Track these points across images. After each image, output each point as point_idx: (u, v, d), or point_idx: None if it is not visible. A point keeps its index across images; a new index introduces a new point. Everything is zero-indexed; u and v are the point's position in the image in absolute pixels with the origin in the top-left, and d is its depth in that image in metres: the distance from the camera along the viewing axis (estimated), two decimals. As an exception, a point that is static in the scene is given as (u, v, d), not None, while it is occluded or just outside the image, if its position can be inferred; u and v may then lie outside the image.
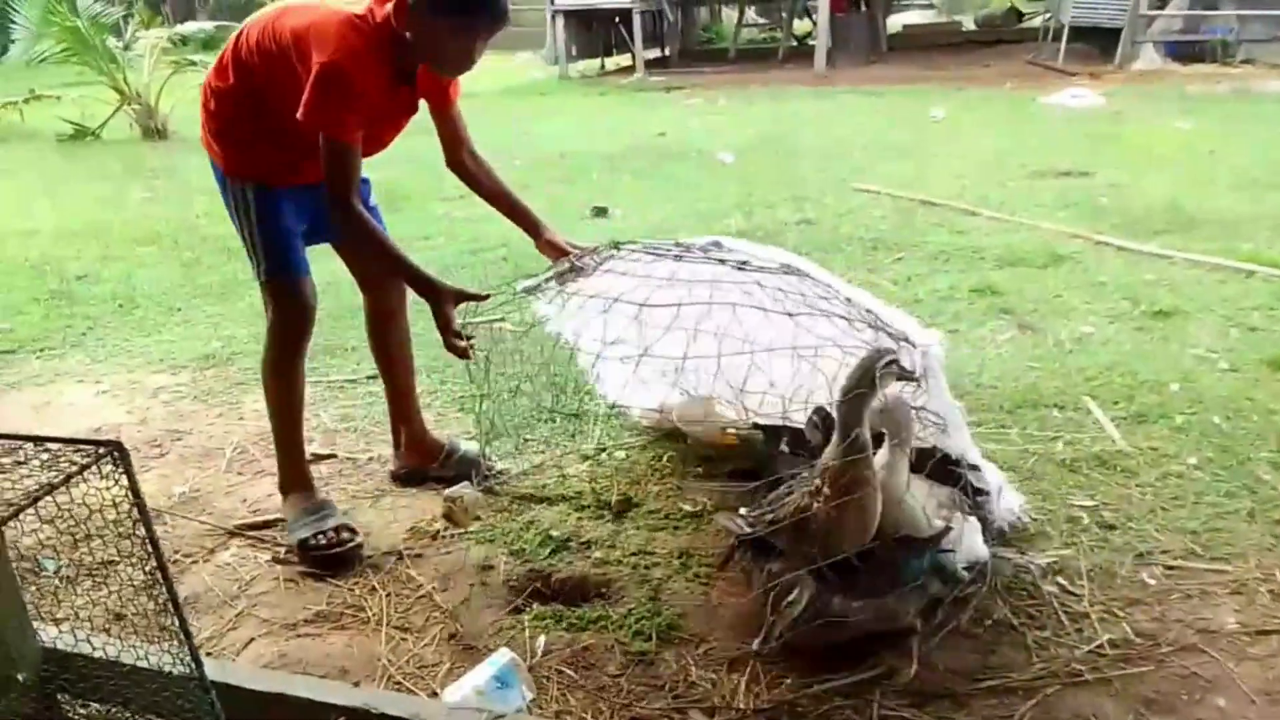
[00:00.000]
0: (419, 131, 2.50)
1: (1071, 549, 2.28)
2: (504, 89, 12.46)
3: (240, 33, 2.28)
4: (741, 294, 2.23)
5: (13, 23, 10.61)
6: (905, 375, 1.96)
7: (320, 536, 2.40)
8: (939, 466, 2.15)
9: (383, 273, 2.48)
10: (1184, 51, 11.05)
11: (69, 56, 9.70)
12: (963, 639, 2.01)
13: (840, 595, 1.94)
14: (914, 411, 2.10)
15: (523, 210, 2.56)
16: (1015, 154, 6.78)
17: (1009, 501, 2.33)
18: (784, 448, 2.53)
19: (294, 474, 2.54)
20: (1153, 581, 2.15)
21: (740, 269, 2.19)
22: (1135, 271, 4.15)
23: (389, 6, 2.12)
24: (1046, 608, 2.09)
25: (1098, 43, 11.53)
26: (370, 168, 2.34)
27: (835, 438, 1.99)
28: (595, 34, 14.33)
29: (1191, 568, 2.19)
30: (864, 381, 1.92)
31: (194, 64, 10.33)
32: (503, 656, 1.92)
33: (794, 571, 1.98)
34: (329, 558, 2.38)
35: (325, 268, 4.94)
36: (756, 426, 2.66)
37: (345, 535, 2.41)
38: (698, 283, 2.29)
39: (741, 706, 1.86)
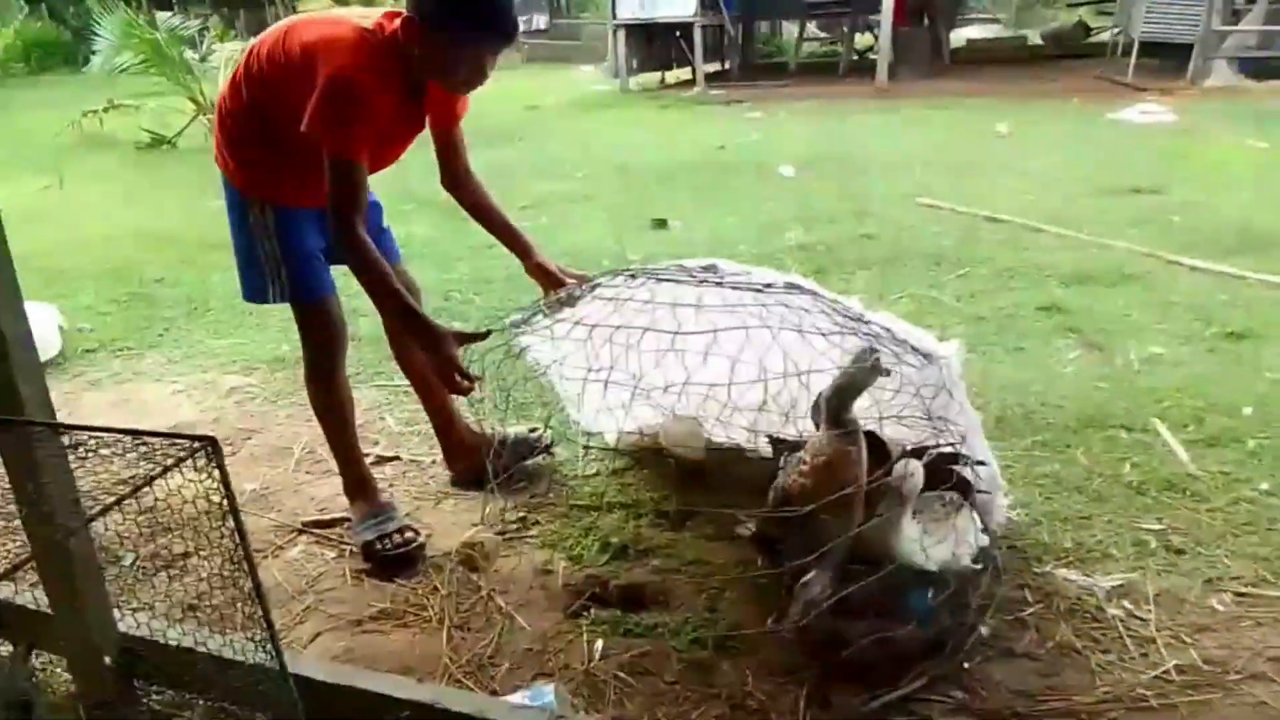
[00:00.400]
0: (476, 145, 2.55)
1: (1138, 572, 2.24)
2: (566, 102, 12.61)
3: (251, 49, 2.23)
4: (726, 310, 2.30)
5: (95, 35, 11.01)
6: (883, 370, 2.07)
7: (385, 540, 2.45)
8: (939, 462, 2.14)
9: (378, 307, 2.38)
10: (1258, 68, 10.77)
11: (147, 68, 10.01)
12: (1025, 660, 1.99)
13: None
14: (939, 421, 2.11)
15: (513, 233, 2.54)
16: (1083, 170, 6.67)
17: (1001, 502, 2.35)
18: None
19: (354, 480, 2.60)
20: (1222, 608, 2.11)
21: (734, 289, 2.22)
22: (1208, 292, 4.06)
23: (398, 21, 2.10)
24: (1111, 631, 2.06)
25: (1169, 58, 11.29)
26: (431, 172, 2.38)
27: (823, 423, 2.08)
28: (656, 48, 14.41)
29: (1262, 595, 2.14)
30: (853, 374, 2.05)
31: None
32: (548, 694, 1.89)
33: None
34: (392, 559, 2.43)
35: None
36: (770, 440, 2.64)
37: (408, 536, 2.46)
38: (686, 306, 2.33)
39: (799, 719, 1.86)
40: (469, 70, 2.12)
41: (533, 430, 2.87)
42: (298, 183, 2.25)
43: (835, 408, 2.07)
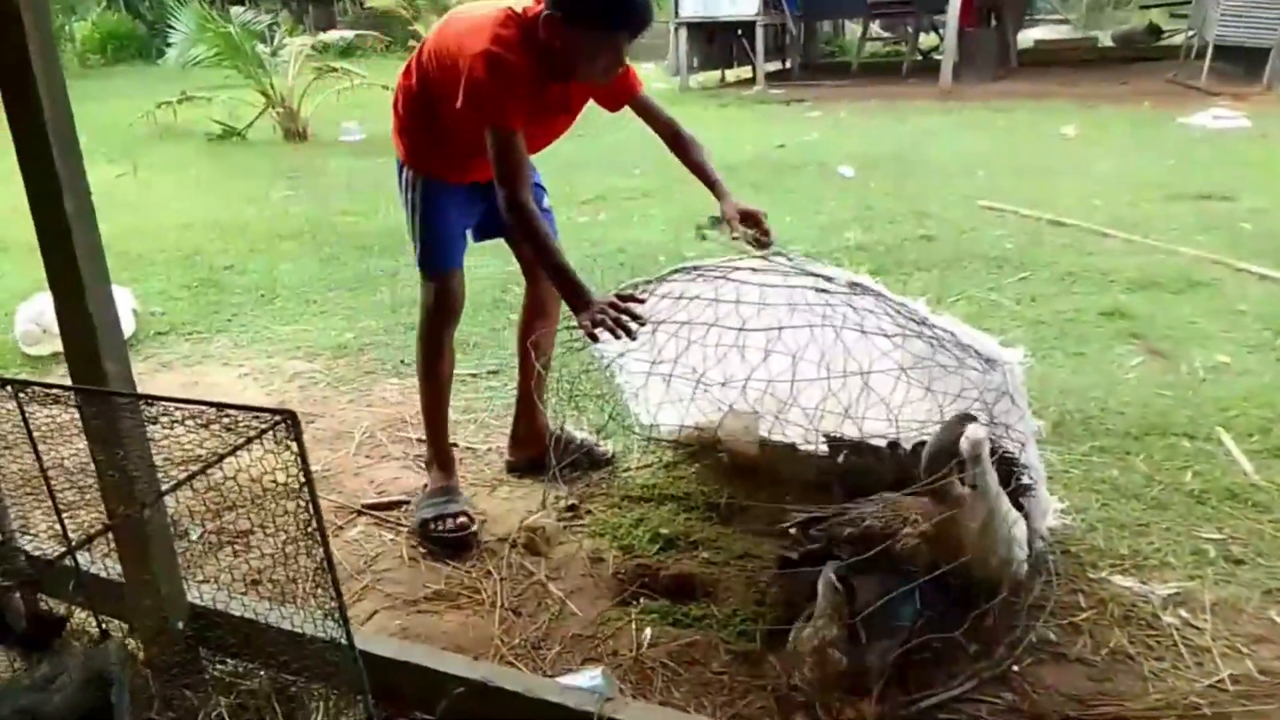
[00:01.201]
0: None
1: (1196, 581, 2.21)
2: (625, 99, 12.64)
3: (425, 38, 2.43)
4: (789, 308, 2.31)
5: (170, 28, 11.34)
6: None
7: (440, 522, 2.52)
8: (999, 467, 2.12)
9: (542, 272, 2.47)
10: (1339, 73, 10.40)
11: (220, 60, 10.28)
12: (1077, 664, 1.98)
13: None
14: (1003, 428, 2.09)
15: (713, 180, 2.62)
16: (1151, 175, 6.53)
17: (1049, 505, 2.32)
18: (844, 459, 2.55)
19: (433, 451, 2.71)
20: (1281, 620, 2.07)
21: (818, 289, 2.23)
22: (1278, 301, 3.95)
23: (538, 10, 2.20)
24: (1166, 639, 2.04)
25: (1243, 62, 10.95)
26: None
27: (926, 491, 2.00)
28: (717, 46, 14.38)
29: (1325, 608, 2.10)
30: (944, 439, 1.98)
31: (334, 70, 10.86)
32: (597, 678, 1.92)
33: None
34: (444, 541, 2.51)
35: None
36: (828, 439, 2.64)
37: (461, 522, 2.52)
38: (749, 304, 2.33)
39: (848, 714, 1.87)
40: (606, 60, 2.23)
41: (598, 443, 2.91)
42: (448, 161, 2.43)
43: (932, 471, 1.99)
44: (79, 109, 1.64)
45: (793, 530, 2.22)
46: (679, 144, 2.60)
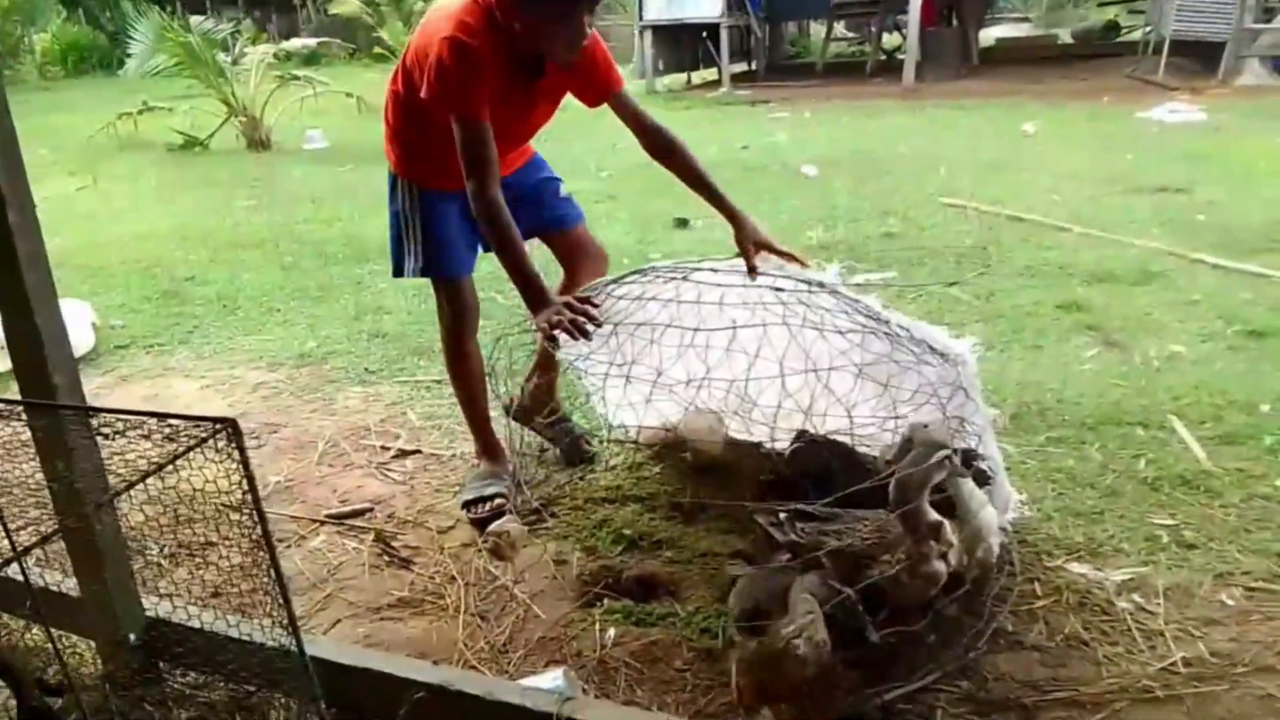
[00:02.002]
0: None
1: (1149, 567, 2.25)
2: (591, 102, 12.64)
3: (409, 41, 2.41)
4: (746, 309, 2.32)
5: (130, 38, 11.23)
6: (958, 471, 2.00)
7: (477, 505, 2.62)
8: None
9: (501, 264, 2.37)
10: (1292, 67, 10.60)
11: (181, 70, 10.18)
12: (1033, 651, 2.01)
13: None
14: (958, 422, 2.11)
15: (720, 200, 2.45)
16: (1109, 169, 6.62)
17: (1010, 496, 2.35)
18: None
19: (481, 443, 2.78)
20: (1232, 602, 2.11)
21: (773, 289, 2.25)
22: (1230, 290, 4.03)
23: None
24: (1120, 624, 2.07)
25: (1200, 57, 11.14)
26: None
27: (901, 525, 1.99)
28: (683, 48, 14.42)
29: (1274, 590, 2.14)
30: (916, 469, 1.95)
31: (296, 79, 10.79)
32: (559, 679, 1.91)
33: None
34: (477, 521, 2.59)
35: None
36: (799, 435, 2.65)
37: (497, 504, 2.61)
38: (709, 304, 2.34)
39: (807, 708, 1.89)
40: (566, 35, 2.19)
41: (588, 442, 2.93)
42: (442, 166, 2.36)
43: (901, 503, 1.96)
44: (40, 121, 1.65)
45: (764, 521, 2.23)
46: (671, 154, 2.46)
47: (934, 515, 1.97)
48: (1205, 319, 3.74)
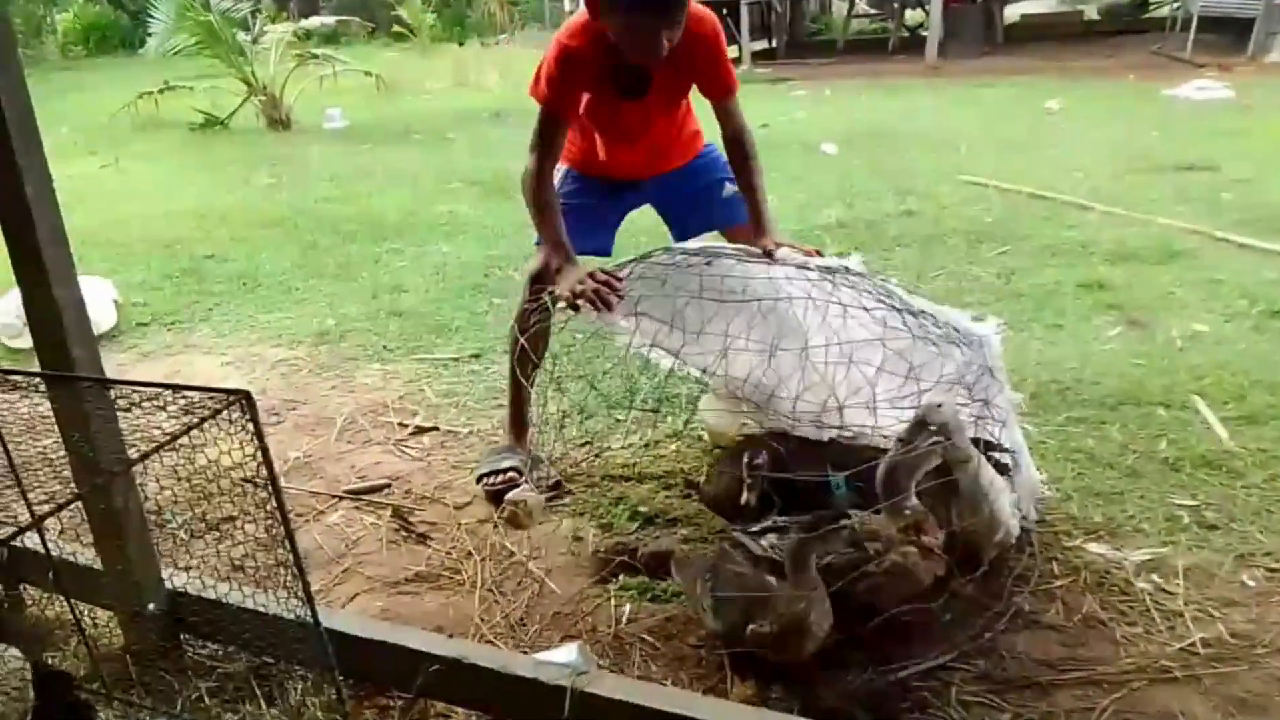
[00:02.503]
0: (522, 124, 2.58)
1: (1169, 547, 2.23)
2: (610, 81, 12.58)
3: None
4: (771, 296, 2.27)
5: (151, 18, 11.25)
6: (952, 454, 1.97)
7: (490, 477, 2.64)
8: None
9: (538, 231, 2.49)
10: (1324, 43, 10.40)
11: (201, 49, 10.20)
12: (1050, 630, 2.00)
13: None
14: (981, 405, 2.09)
15: (755, 209, 2.51)
16: (1134, 147, 6.53)
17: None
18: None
19: (510, 416, 2.80)
20: (1253, 583, 2.09)
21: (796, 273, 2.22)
22: (1256, 270, 3.97)
23: None
24: (1138, 604, 2.06)
25: (1229, 33, 10.94)
26: (477, 150, 2.39)
27: (882, 505, 1.98)
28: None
29: (1295, 570, 2.12)
30: (908, 459, 1.95)
31: (316, 57, 10.80)
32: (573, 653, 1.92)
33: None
34: (494, 493, 2.61)
35: (436, 252, 5.11)
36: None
37: (510, 477, 2.62)
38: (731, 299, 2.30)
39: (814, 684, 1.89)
40: (636, 45, 2.22)
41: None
42: (586, 153, 2.60)
43: (890, 490, 1.96)
44: (61, 101, 1.66)
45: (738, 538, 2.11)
46: (734, 157, 2.54)
47: (918, 507, 1.95)
48: (1229, 299, 3.69)
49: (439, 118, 10.02)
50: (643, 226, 3.20)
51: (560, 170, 2.57)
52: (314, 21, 14.63)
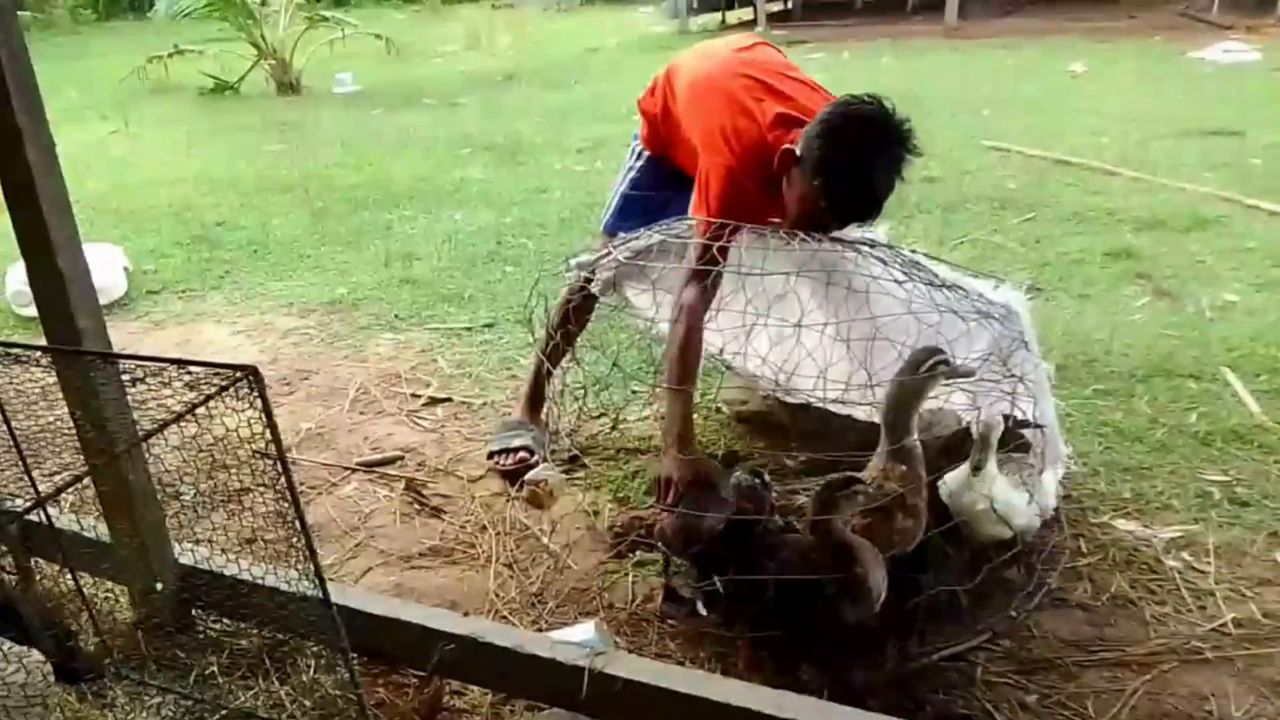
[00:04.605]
0: (534, 87, 2.51)
1: (1200, 524, 2.18)
2: (625, 44, 12.42)
3: (672, 66, 2.56)
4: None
5: (160, -21, 11.12)
6: (955, 373, 1.92)
7: (503, 456, 2.60)
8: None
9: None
10: (1357, 3, 10.14)
11: (210, 12, 10.09)
12: (1077, 610, 1.96)
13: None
14: (1010, 379, 2.03)
15: None
16: (1160, 111, 6.38)
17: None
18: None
19: (527, 391, 2.78)
20: (1287, 562, 2.04)
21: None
22: (1287, 238, 3.88)
23: (774, 112, 2.21)
24: (1168, 583, 2.01)
25: (1259, -7, 10.69)
26: (488, 115, 2.34)
27: (882, 443, 1.93)
28: (718, -13, 14.08)
29: (1331, 550, 2.06)
30: (907, 383, 1.88)
31: (326, 20, 10.66)
32: (590, 632, 1.88)
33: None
34: (505, 473, 2.58)
35: (448, 219, 5.03)
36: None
37: (521, 456, 2.59)
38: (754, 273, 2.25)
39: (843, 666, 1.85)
40: (807, 221, 2.13)
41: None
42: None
43: (892, 424, 1.92)
44: (71, 66, 1.61)
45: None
46: None
47: (916, 451, 1.90)
48: (1260, 267, 3.60)
49: (450, 81, 9.89)
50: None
51: (642, 153, 2.61)
52: (324, -17, 14.41)
